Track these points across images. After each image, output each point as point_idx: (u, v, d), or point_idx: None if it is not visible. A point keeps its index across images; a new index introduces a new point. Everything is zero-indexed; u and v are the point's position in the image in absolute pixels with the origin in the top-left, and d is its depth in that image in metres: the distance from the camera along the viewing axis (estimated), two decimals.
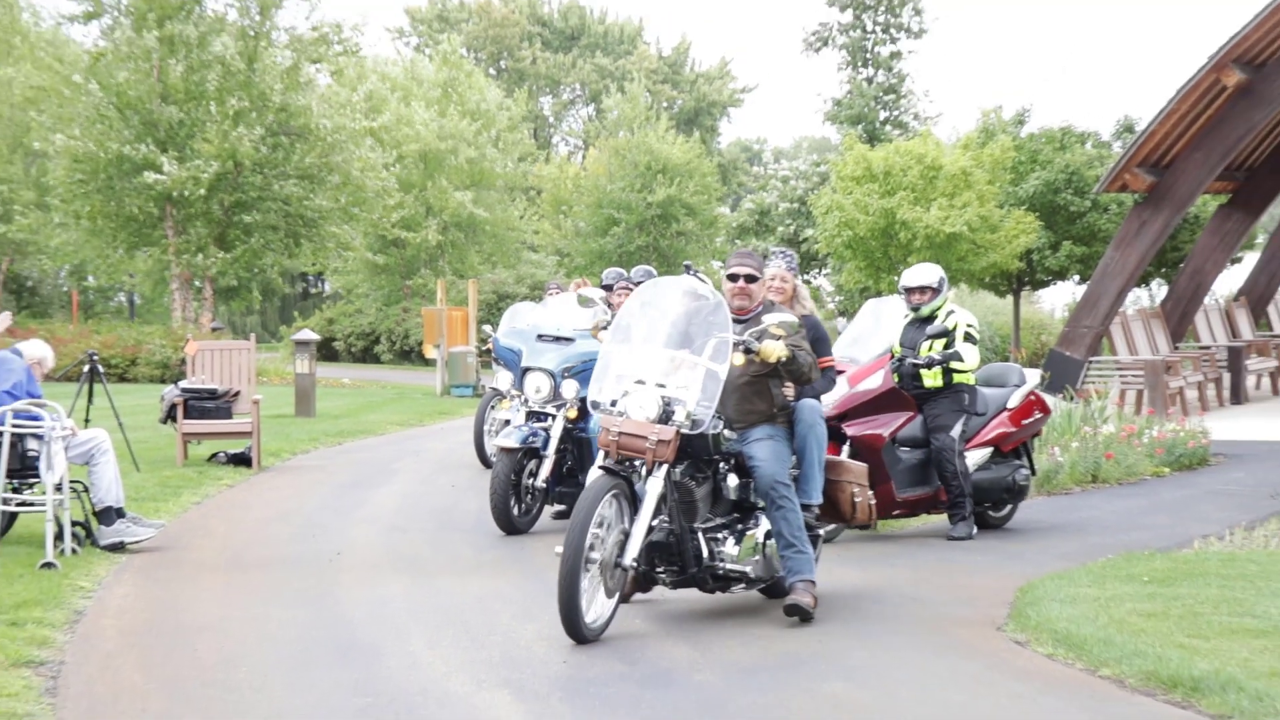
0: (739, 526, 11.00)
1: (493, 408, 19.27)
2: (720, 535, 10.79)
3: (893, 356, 14.97)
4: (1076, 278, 33.16)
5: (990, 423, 15.28)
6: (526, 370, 15.53)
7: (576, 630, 9.72)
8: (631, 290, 16.00)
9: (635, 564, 10.16)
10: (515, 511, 14.51)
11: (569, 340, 15.89)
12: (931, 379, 14.75)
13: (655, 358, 10.69)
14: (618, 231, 51.14)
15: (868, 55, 59.47)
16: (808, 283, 52.97)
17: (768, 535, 10.94)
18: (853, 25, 59.12)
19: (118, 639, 10.21)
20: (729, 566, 10.67)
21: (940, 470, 14.67)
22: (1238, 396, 28.71)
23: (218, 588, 12.13)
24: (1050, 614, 10.75)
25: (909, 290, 15.41)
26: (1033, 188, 32.74)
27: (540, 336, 15.93)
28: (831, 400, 13.50)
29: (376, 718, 8.29)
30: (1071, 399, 23.13)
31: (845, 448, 14.11)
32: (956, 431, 14.80)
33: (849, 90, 58.92)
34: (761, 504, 11.09)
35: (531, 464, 14.67)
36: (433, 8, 78.78)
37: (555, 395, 15.06)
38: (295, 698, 8.70)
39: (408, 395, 33.60)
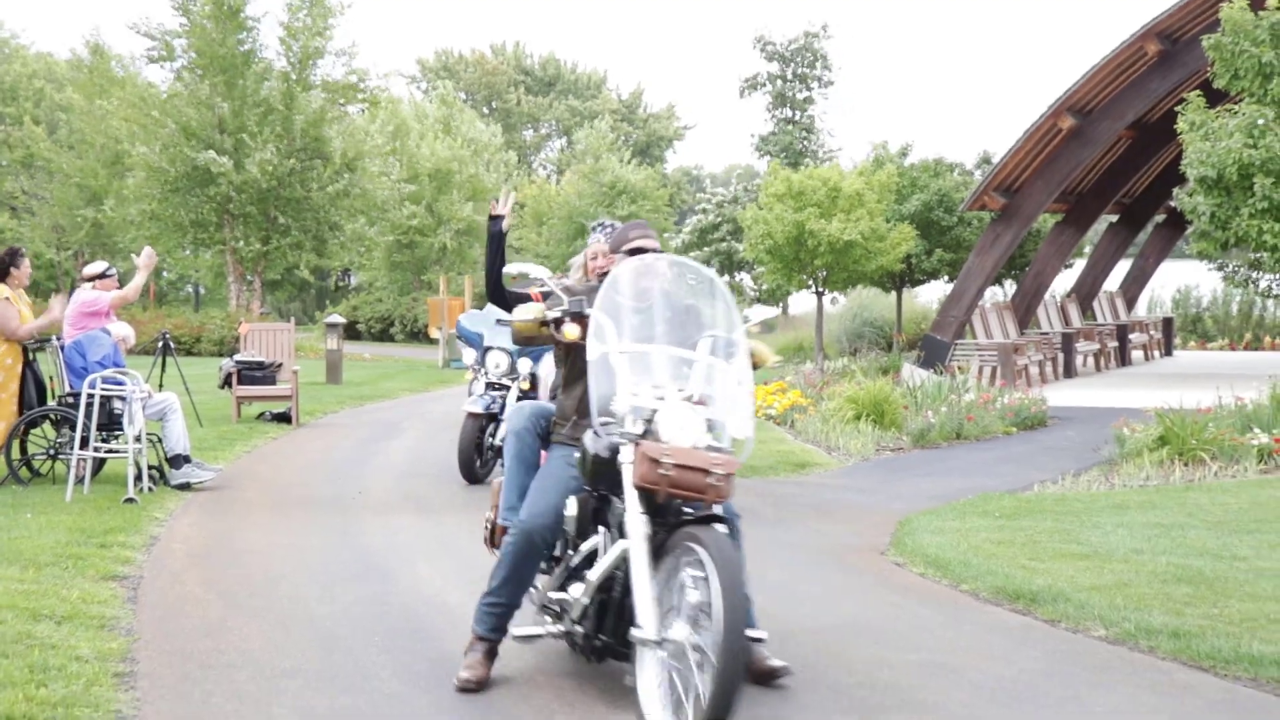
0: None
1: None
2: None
3: None
4: (946, 277, 33.14)
5: None
6: (488, 349, 14.69)
7: None
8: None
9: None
10: (476, 464, 14.29)
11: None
12: None
13: (669, 361, 6.84)
14: (580, 233, 51.30)
15: (788, 99, 59.96)
16: (739, 283, 53.02)
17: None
18: (780, 75, 59.48)
19: (184, 559, 10.23)
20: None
21: None
22: (1069, 372, 28.88)
23: (264, 519, 12.14)
24: (922, 542, 10.86)
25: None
26: (912, 206, 32.77)
27: (499, 321, 13.89)
28: None
29: (389, 623, 8.33)
30: (941, 373, 23.24)
31: None
32: None
33: (773, 129, 59.45)
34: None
35: (491, 426, 14.36)
36: (439, 59, 78.65)
37: (512, 370, 14.47)
38: (324, 607, 8.73)
39: (416, 368, 33.55)
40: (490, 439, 14.39)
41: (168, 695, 6.72)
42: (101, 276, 14.60)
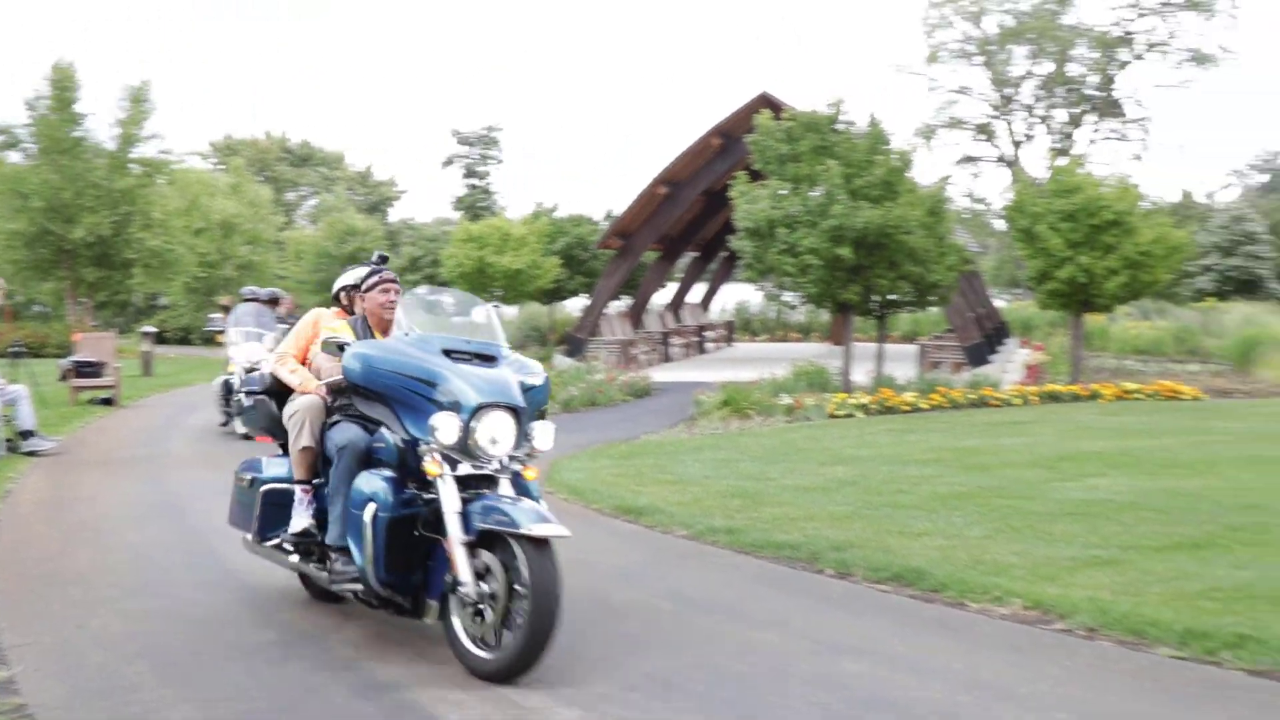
0: None
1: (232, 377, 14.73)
2: None
3: None
4: (584, 294, 33.55)
5: None
6: (481, 408, 5.27)
7: None
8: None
9: None
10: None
11: (493, 360, 5.73)
12: None
13: None
14: (325, 267, 50.03)
15: (475, 172, 60.54)
16: (435, 304, 52.63)
17: None
18: (468, 155, 60.21)
19: (33, 506, 9.64)
20: None
21: None
22: (667, 358, 29.46)
23: (94, 475, 11.50)
24: (566, 477, 10.94)
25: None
26: (560, 245, 33.12)
27: (451, 354, 5.58)
28: None
29: (188, 546, 8.04)
30: (581, 360, 23.45)
31: None
32: None
33: (465, 192, 60.04)
34: None
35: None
36: (225, 141, 75.68)
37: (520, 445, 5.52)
38: (137, 536, 8.35)
39: (209, 365, 32.19)
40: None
41: (20, 606, 6.37)
42: None
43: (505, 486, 5.32)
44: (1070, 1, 49.98)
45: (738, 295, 42.50)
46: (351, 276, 6.69)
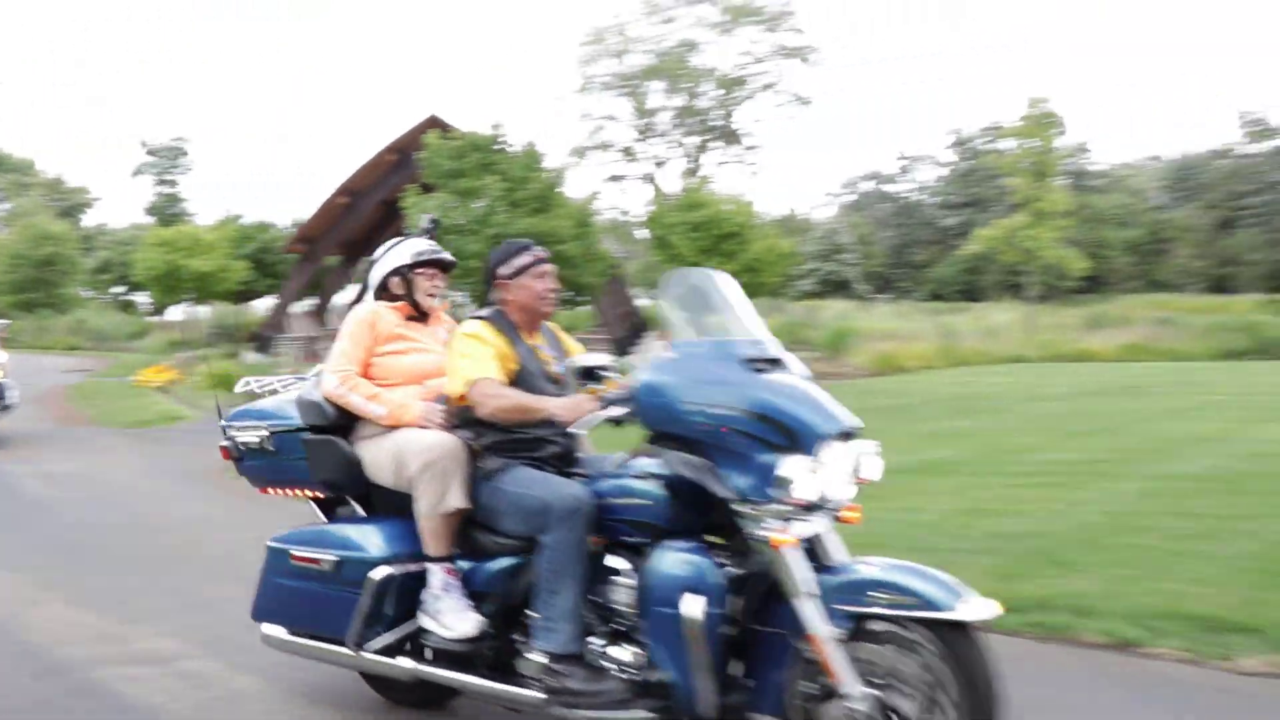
0: None
1: None
2: None
3: None
4: (272, 295, 32.41)
5: None
6: (824, 439, 3.03)
7: None
8: None
9: None
10: None
11: (778, 362, 3.24)
12: None
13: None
14: (19, 268, 45.65)
15: (165, 180, 58.11)
16: (131, 303, 49.20)
17: None
18: (156, 165, 57.78)
19: None
20: None
21: None
22: None
23: None
24: None
25: None
26: (248, 250, 31.96)
27: (752, 364, 3.15)
28: None
29: None
30: (268, 355, 22.57)
31: None
32: None
33: (156, 199, 57.61)
34: None
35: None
36: None
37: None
38: None
39: None
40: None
41: None
42: None
43: (835, 542, 3.27)
44: (698, 46, 52.47)
45: None
46: (405, 252, 4.27)
